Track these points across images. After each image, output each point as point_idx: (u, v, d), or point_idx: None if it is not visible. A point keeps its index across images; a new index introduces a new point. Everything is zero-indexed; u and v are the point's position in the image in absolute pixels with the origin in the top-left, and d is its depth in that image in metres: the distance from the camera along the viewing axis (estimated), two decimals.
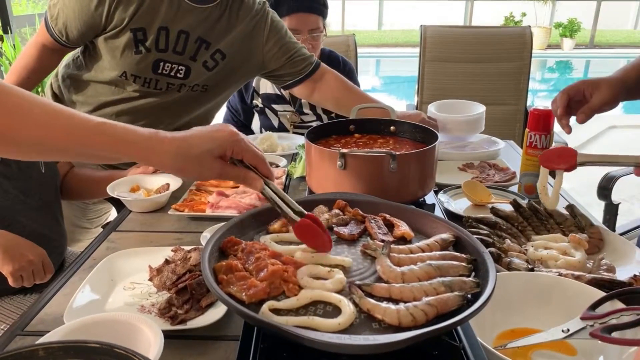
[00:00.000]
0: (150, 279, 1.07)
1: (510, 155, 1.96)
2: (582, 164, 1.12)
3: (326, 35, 2.25)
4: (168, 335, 0.93)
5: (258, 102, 2.32)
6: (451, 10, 12.37)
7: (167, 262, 1.14)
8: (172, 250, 1.16)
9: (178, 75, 1.72)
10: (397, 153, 1.17)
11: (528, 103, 3.14)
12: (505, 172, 1.69)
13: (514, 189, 1.57)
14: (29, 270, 1.26)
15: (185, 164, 0.87)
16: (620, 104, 1.37)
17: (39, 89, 3.49)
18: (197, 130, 0.91)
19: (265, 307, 0.71)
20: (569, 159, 1.05)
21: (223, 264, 0.81)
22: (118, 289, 1.10)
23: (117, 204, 1.90)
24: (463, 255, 0.85)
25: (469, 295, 0.75)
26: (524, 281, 1.01)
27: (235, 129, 0.91)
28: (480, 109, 1.93)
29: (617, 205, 2.16)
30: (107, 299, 1.06)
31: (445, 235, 0.91)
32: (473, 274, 0.82)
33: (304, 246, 0.87)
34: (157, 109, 1.78)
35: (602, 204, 2.24)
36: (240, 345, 0.75)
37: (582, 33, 11.98)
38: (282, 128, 2.32)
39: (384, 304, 0.72)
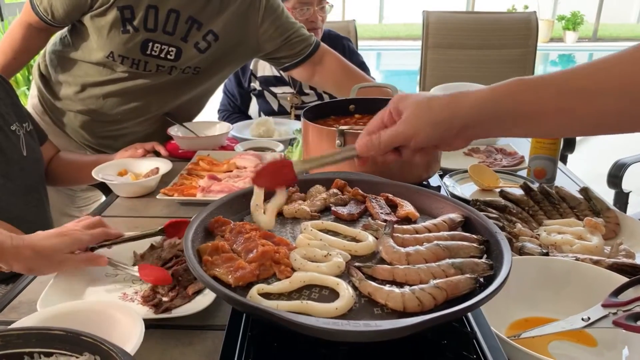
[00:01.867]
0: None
1: (516, 140, 1.88)
2: (304, 172, 0.87)
3: (332, 5, 2.17)
4: (151, 324, 0.86)
5: (256, 85, 2.23)
6: (453, 3, 12.26)
7: (152, 247, 1.07)
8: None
9: (168, 56, 1.64)
10: None
11: None
12: (513, 157, 1.61)
13: (523, 173, 1.49)
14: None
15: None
16: None
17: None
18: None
19: (254, 290, 0.63)
20: (286, 173, 0.83)
21: (208, 244, 0.73)
22: (99, 275, 1.02)
23: (106, 191, 1.82)
24: (474, 235, 0.77)
25: (481, 279, 0.67)
26: (538, 266, 0.93)
27: None
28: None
29: (627, 194, 2.08)
30: (87, 287, 0.98)
31: (453, 215, 0.83)
32: (485, 256, 0.75)
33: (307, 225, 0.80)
34: (146, 91, 1.70)
35: (611, 193, 2.16)
36: (227, 333, 0.67)
37: (585, 26, 11.87)
38: (282, 111, 2.24)
39: (386, 287, 0.64)
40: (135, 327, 0.77)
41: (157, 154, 1.59)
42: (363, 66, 2.27)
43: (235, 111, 2.32)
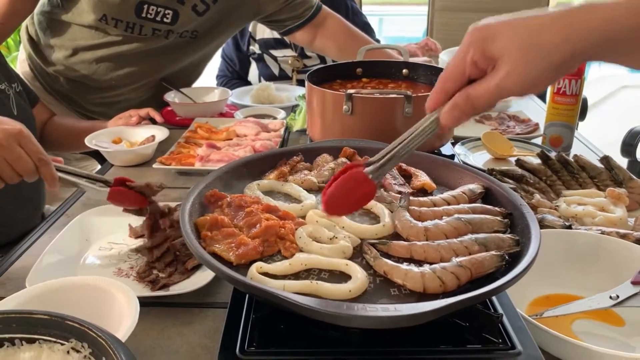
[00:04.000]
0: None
1: (530, 107, 1.80)
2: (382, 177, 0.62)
3: None
4: (148, 302, 0.81)
5: (255, 48, 2.14)
6: None
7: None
8: None
9: (165, 20, 1.55)
10: (414, 95, 1.01)
11: None
12: (527, 124, 1.54)
13: (537, 141, 1.42)
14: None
15: None
16: None
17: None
18: None
19: (252, 268, 0.57)
20: (363, 188, 0.59)
21: (207, 218, 0.67)
22: (93, 249, 0.96)
23: (102, 159, 1.75)
24: (497, 208, 0.71)
25: (507, 256, 0.61)
26: (560, 240, 0.87)
27: (23, 127, 0.85)
28: None
29: None
30: (80, 261, 0.93)
31: (473, 186, 0.76)
32: (509, 230, 0.68)
33: (308, 202, 0.73)
34: (142, 56, 1.62)
35: (624, 163, 2.09)
36: (228, 316, 0.62)
37: None
38: (283, 76, 2.15)
39: (404, 266, 0.58)
40: (130, 306, 0.72)
41: (153, 121, 1.51)
42: (367, 27, 2.17)
43: (234, 77, 2.23)
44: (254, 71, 2.18)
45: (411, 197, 0.72)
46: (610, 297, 0.75)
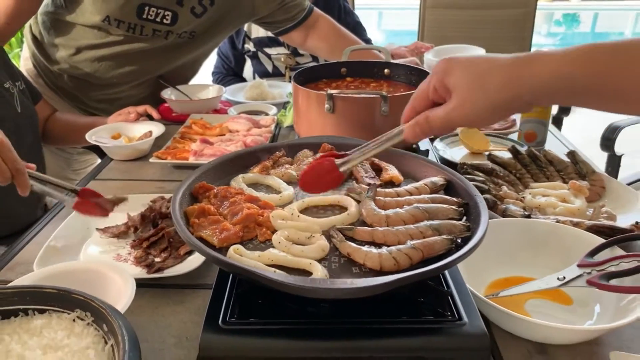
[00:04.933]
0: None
1: None
2: (348, 170, 0.79)
3: None
4: (144, 283, 0.89)
5: (250, 46, 2.21)
6: None
7: (151, 209, 1.09)
8: (151, 202, 1.11)
9: (164, 21, 1.62)
10: (389, 95, 1.09)
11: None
12: (504, 120, 1.62)
13: (514, 137, 1.50)
14: None
15: None
16: None
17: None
18: None
19: (231, 249, 0.66)
20: (332, 175, 0.77)
21: (195, 207, 0.75)
22: (94, 237, 1.05)
23: (102, 154, 1.83)
24: (454, 198, 0.79)
25: (459, 240, 0.70)
26: (519, 228, 0.96)
27: (2, 136, 0.91)
28: (479, 51, 1.83)
29: (620, 157, 2.09)
30: (82, 248, 1.01)
31: (435, 179, 0.84)
32: (464, 218, 0.77)
33: (286, 193, 0.81)
34: (142, 55, 1.69)
35: (604, 157, 2.17)
36: (214, 292, 0.70)
37: None
38: (277, 73, 2.23)
39: (365, 248, 0.67)
40: (127, 286, 0.80)
41: (151, 118, 1.59)
42: (359, 26, 2.25)
43: (229, 73, 2.31)
44: (248, 68, 2.26)
45: (378, 189, 0.80)
46: (558, 279, 0.83)
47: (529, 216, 0.99)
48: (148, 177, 1.32)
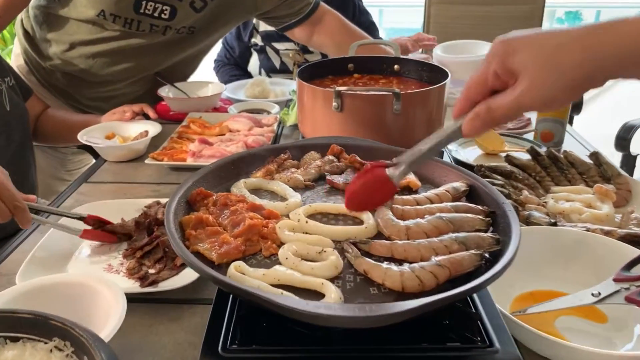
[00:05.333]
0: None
1: None
2: (403, 178, 0.67)
3: None
4: (136, 298, 0.82)
5: (257, 40, 2.13)
6: None
7: (145, 215, 1.01)
8: (145, 207, 1.03)
9: (162, 16, 1.54)
10: (402, 92, 1.01)
11: None
12: (519, 120, 1.54)
13: (529, 137, 1.42)
14: None
15: None
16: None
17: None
18: None
19: (232, 267, 0.58)
20: (384, 187, 0.65)
21: (192, 216, 0.68)
22: (84, 246, 0.97)
23: (97, 154, 1.75)
24: (479, 207, 0.71)
25: (487, 254, 0.62)
26: (545, 237, 0.88)
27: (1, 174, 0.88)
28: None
29: (635, 157, 2.01)
30: (70, 258, 0.94)
31: (457, 184, 0.77)
32: (491, 228, 0.69)
33: (293, 200, 0.73)
34: (139, 51, 1.62)
35: (618, 156, 2.10)
36: (212, 313, 0.62)
37: None
38: (284, 69, 2.14)
39: (384, 265, 0.59)
40: (117, 302, 0.73)
41: (147, 117, 1.52)
42: (372, 26, 2.18)
43: (230, 63, 2.23)
44: (254, 62, 2.18)
45: (395, 196, 0.72)
46: (593, 294, 0.75)
47: (555, 224, 0.91)
48: (143, 180, 1.25)
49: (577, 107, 2.41)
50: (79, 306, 0.76)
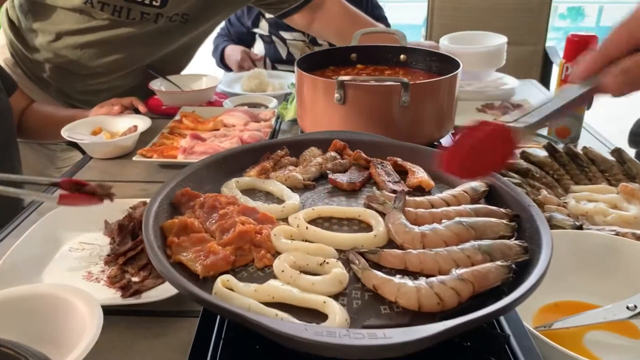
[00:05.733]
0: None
1: (534, 95, 1.71)
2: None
3: None
4: (117, 310, 0.74)
5: (264, 28, 2.04)
6: None
7: (130, 217, 0.92)
8: (130, 208, 0.94)
9: (154, 2, 1.46)
10: (411, 82, 0.92)
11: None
12: None
13: (543, 132, 1.34)
14: None
15: None
16: None
17: None
18: None
19: (218, 282, 0.49)
20: (503, 145, 0.52)
21: (175, 221, 0.59)
22: (63, 251, 0.89)
23: None
24: (502, 209, 0.63)
25: (514, 265, 0.54)
26: (570, 242, 0.80)
27: None
28: (501, 39, 1.66)
29: None
30: (47, 264, 0.85)
31: (475, 184, 0.68)
32: (515, 234, 0.61)
33: (291, 202, 0.65)
34: (130, 41, 1.54)
35: (632, 153, 2.01)
36: (197, 335, 0.54)
37: None
38: (291, 60, 2.05)
39: (397, 279, 0.50)
40: (93, 317, 0.64)
41: (137, 111, 1.43)
42: (384, 21, 2.09)
43: (231, 38, 2.15)
44: (259, 49, 2.10)
45: (407, 197, 0.64)
46: (628, 308, 0.67)
47: (580, 227, 0.83)
48: (130, 178, 1.16)
49: (589, 102, 2.33)
50: (50, 322, 0.68)
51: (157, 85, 1.56)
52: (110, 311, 0.72)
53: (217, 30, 2.17)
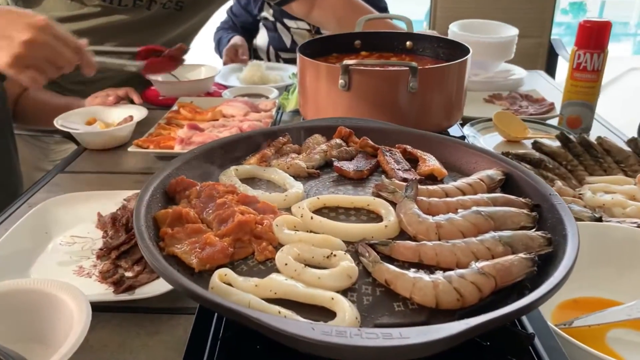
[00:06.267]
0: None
1: (542, 85, 1.67)
2: None
3: None
4: (109, 307, 0.69)
5: (269, 15, 1.98)
6: None
7: (124, 208, 0.88)
8: (124, 200, 0.90)
9: None
10: (420, 67, 0.88)
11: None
12: (541, 104, 1.41)
13: (553, 122, 1.29)
14: (33, 56, 0.82)
15: None
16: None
17: None
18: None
19: (215, 276, 0.45)
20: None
21: (169, 210, 0.54)
22: (53, 244, 0.85)
23: None
24: (521, 199, 0.58)
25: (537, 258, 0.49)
26: (589, 235, 0.75)
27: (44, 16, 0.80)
28: (512, 31, 1.61)
29: None
30: (36, 258, 0.81)
31: (491, 172, 0.64)
32: (536, 226, 0.56)
33: (294, 191, 0.60)
34: (123, 29, 1.49)
35: None
36: (193, 333, 0.50)
37: None
38: (295, 49, 2.01)
39: (411, 273, 0.46)
40: (81, 313, 0.60)
41: (133, 102, 1.38)
42: (385, 12, 2.04)
43: (235, 28, 2.10)
44: (263, 39, 2.04)
45: (419, 186, 0.59)
46: None
47: (600, 219, 0.78)
48: (126, 170, 1.12)
49: None
50: (36, 319, 0.64)
51: (154, 75, 1.51)
52: (101, 308, 0.68)
53: (204, 45, 2.13)
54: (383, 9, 2.02)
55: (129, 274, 0.75)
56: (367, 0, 1.65)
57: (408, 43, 1.16)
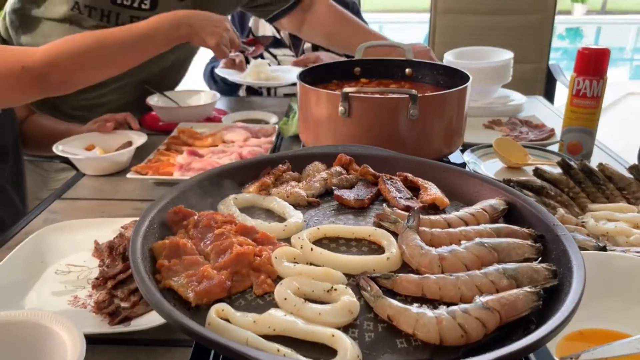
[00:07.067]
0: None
1: (542, 111, 1.67)
2: None
3: None
4: (105, 339, 0.68)
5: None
6: None
7: (121, 236, 0.87)
8: (122, 228, 0.89)
9: (142, 5, 1.42)
10: (420, 94, 0.88)
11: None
12: (541, 130, 1.41)
13: (553, 149, 1.29)
14: (227, 38, 1.32)
15: None
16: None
17: None
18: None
19: (212, 311, 0.44)
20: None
21: (166, 242, 0.53)
22: (48, 273, 0.83)
23: None
24: (525, 229, 0.57)
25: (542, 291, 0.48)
26: (593, 264, 0.73)
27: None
28: (507, 55, 1.62)
29: None
30: (31, 288, 0.79)
31: (494, 202, 0.63)
32: (540, 257, 0.55)
33: (293, 221, 0.59)
34: None
35: None
36: None
37: None
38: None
39: (414, 309, 0.45)
40: (75, 347, 0.58)
41: (131, 129, 1.38)
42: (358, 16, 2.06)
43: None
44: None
45: (421, 216, 0.58)
46: None
47: (604, 248, 0.77)
48: (124, 196, 1.11)
49: None
50: (30, 351, 0.62)
51: (154, 100, 1.51)
52: (96, 340, 0.66)
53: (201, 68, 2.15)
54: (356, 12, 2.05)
55: (125, 304, 0.74)
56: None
57: (407, 70, 1.17)
